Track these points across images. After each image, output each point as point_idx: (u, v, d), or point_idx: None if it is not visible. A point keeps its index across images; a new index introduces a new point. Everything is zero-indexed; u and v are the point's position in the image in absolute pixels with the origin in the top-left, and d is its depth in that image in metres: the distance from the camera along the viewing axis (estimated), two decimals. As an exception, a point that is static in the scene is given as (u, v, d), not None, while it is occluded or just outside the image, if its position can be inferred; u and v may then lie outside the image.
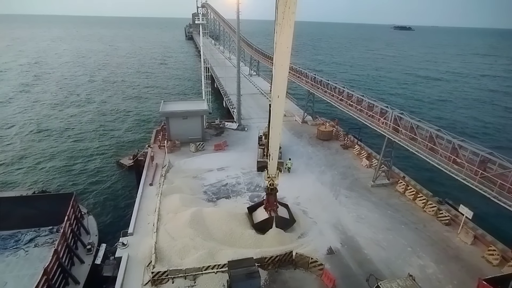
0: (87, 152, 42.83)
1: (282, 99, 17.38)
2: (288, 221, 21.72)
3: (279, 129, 19.04)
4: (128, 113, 60.71)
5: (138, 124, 54.71)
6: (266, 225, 20.90)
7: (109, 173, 37.26)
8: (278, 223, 20.95)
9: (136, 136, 49.02)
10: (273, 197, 21.23)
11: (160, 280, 17.09)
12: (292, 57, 18.84)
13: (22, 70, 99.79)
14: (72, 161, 40.19)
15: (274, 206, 21.37)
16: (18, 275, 20.20)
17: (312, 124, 43.14)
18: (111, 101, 68.47)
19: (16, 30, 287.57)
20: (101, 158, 41.28)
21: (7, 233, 23.53)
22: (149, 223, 21.63)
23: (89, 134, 49.23)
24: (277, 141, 19.51)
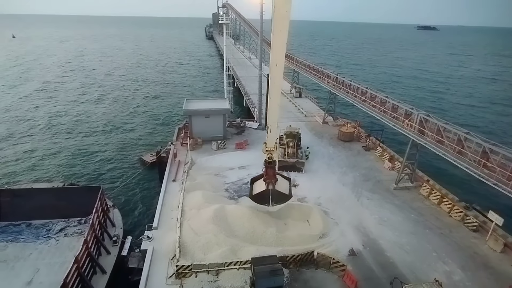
0: (111, 148, 44.25)
1: (281, 68, 16.68)
2: (285, 196, 21.24)
3: (278, 100, 18.31)
4: (150, 111, 62.24)
5: (160, 122, 55.98)
6: (263, 197, 20.57)
7: (132, 168, 38.35)
8: (274, 197, 20.60)
9: (158, 134, 50.17)
10: (271, 170, 20.78)
11: (184, 274, 17.54)
12: (310, 57, 18.64)
13: (53, 68, 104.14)
14: (97, 157, 41.62)
15: (272, 179, 20.87)
16: (50, 262, 21.21)
17: (333, 125, 42.75)
18: (134, 100, 70.34)
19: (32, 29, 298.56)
20: (125, 154, 42.54)
21: (40, 222, 24.75)
22: (173, 218, 22.19)
23: (113, 131, 50.80)
24: (275, 112, 18.75)
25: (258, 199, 20.61)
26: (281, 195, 20.67)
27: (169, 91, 78.38)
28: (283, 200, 20.91)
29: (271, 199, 20.26)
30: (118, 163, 40.07)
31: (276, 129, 19.62)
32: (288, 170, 30.00)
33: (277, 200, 20.52)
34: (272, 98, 17.99)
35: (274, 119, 18.84)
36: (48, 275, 20.16)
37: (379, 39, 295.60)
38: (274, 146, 20.07)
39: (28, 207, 24.69)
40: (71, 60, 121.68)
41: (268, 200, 20.24)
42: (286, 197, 21.08)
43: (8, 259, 21.34)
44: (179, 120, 51.03)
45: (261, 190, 20.69)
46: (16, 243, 22.75)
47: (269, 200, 20.22)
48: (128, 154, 42.46)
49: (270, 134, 19.37)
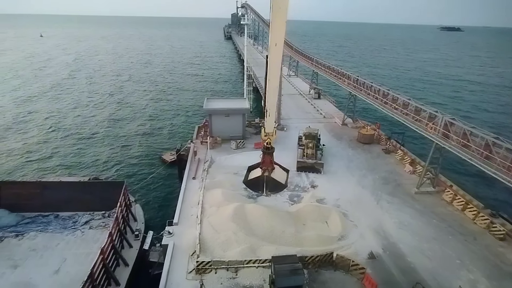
0: (133, 146, 45.48)
1: (280, 48, 15.81)
2: (280, 184, 20.46)
3: (277, 82, 17.53)
4: (170, 109, 63.51)
5: (180, 121, 57.00)
6: (257, 183, 19.94)
7: (152, 166, 39.25)
8: (269, 185, 19.95)
9: (177, 132, 51.14)
10: (269, 157, 20.02)
11: (204, 270, 17.90)
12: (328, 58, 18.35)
13: (79, 66, 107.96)
14: (119, 154, 42.89)
15: (269, 166, 20.16)
16: (76, 253, 22.09)
17: (353, 126, 42.27)
18: (154, 99, 71.93)
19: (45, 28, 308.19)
20: (145, 152, 43.62)
21: (67, 214, 25.82)
22: (193, 214, 22.64)
23: (135, 129, 52.16)
24: (274, 95, 17.82)
25: (252, 185, 20.04)
26: (276, 183, 19.89)
27: (188, 90, 79.69)
28: (278, 188, 20.25)
29: (265, 187, 19.56)
30: (139, 160, 41.15)
31: (274, 112, 18.71)
32: (306, 171, 29.98)
33: (271, 188, 19.84)
34: (271, 80, 17.13)
35: (273, 102, 17.89)
36: (74, 265, 21.04)
37: (400, 41, 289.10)
38: (273, 131, 19.07)
39: (56, 199, 25.81)
40: (93, 59, 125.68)
41: (262, 187, 19.59)
42: (281, 186, 20.28)
43: (38, 248, 22.41)
44: (199, 119, 51.90)
45: (256, 176, 20.01)
46: (45, 233, 23.85)
47: (263, 187, 19.57)
48: (149, 152, 43.52)
49: (268, 118, 18.28)
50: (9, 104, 63.55)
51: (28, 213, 25.75)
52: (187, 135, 46.13)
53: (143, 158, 41.57)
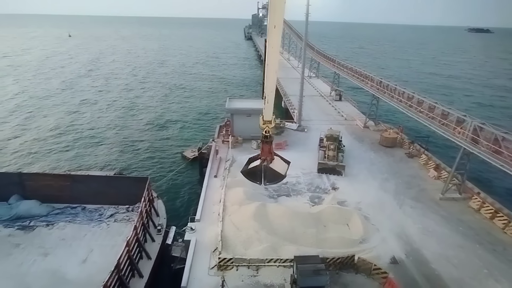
0: (154, 143, 46.60)
1: (279, 30, 14.90)
2: (279, 175, 19.42)
3: (276, 66, 16.34)
4: (191, 108, 64.67)
5: (201, 119, 57.92)
6: (255, 173, 19.25)
7: (174, 163, 40.14)
8: (267, 175, 19.10)
9: (199, 131, 51.96)
10: (267, 146, 19.12)
11: (226, 266, 18.18)
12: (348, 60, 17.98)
13: (100, 65, 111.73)
14: (142, 150, 44.07)
15: (268, 156, 19.30)
16: (102, 244, 22.92)
17: (374, 129, 41.59)
18: (175, 97, 73.45)
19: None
20: (167, 149, 44.62)
21: (93, 207, 26.81)
22: (214, 212, 23.02)
23: (156, 127, 53.43)
24: (273, 80, 16.82)
25: (250, 175, 19.44)
26: (274, 174, 19.07)
27: (208, 90, 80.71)
28: (277, 179, 19.44)
29: (263, 177, 18.86)
30: (161, 157, 42.15)
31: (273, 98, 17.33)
32: (328, 173, 29.81)
33: (270, 179, 19.15)
34: (269, 65, 16.00)
35: (272, 88, 16.90)
36: (100, 255, 21.84)
37: (424, 42, 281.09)
38: (271, 119, 18.28)
39: (84, 192, 26.84)
40: (120, 57, 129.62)
41: (260, 177, 18.92)
42: (280, 176, 19.39)
43: (67, 238, 23.41)
44: (220, 118, 52.58)
45: (254, 165, 19.39)
46: (73, 224, 24.88)
47: (261, 177, 18.88)
48: (170, 150, 44.51)
49: (267, 105, 17.30)
50: (43, 99, 66.72)
51: (57, 204, 26.94)
52: (208, 134, 46.83)
53: (165, 155, 42.56)
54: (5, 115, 56.99)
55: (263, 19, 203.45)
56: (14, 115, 57.16)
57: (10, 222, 24.73)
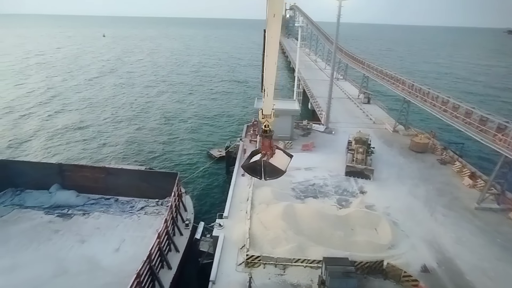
0: (182, 141, 47.82)
1: (279, 19, 14.53)
2: (279, 170, 18.99)
3: (275, 57, 16.00)
4: (217, 108, 65.71)
5: (227, 119, 58.73)
6: (255, 168, 18.91)
7: (200, 161, 40.99)
8: (267, 170, 18.65)
9: (225, 130, 52.72)
10: (267, 140, 18.78)
11: (253, 264, 18.43)
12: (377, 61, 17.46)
13: (140, 65, 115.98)
14: (170, 147, 45.36)
15: (268, 150, 18.95)
16: (133, 235, 23.89)
17: (404, 134, 40.43)
18: (202, 97, 74.91)
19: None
20: (194, 147, 45.63)
21: (125, 199, 28.00)
22: (242, 210, 23.35)
23: (184, 126, 54.71)
24: (273, 72, 16.38)
25: (250, 169, 19.20)
26: (274, 169, 18.76)
27: (234, 91, 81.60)
28: (277, 174, 19.13)
29: (263, 172, 18.57)
30: (189, 154, 43.19)
31: (272, 91, 17.15)
32: (355, 176, 29.39)
33: (270, 174, 18.86)
34: (269, 56, 15.71)
35: (272, 80, 16.60)
36: (131, 245, 22.77)
37: (456, 45, 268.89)
38: (271, 112, 18.10)
39: (117, 184, 28.07)
40: (150, 56, 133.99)
41: (259, 172, 18.64)
42: (280, 172, 19.07)
43: (101, 227, 24.61)
44: (247, 118, 53.10)
45: (254, 160, 19.12)
46: (107, 214, 26.12)
47: (260, 172, 18.60)
48: (197, 147, 45.50)
49: (266, 98, 17.14)
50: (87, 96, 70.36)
51: (92, 195, 28.39)
52: (234, 133, 47.45)
53: (192, 153, 43.53)
54: (51, 108, 60.97)
55: (295, 21, 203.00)
56: (57, 109, 60.93)
57: (50, 209, 26.39)
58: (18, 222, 24.57)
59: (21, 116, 56.87)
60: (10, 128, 51.17)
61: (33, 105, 63.55)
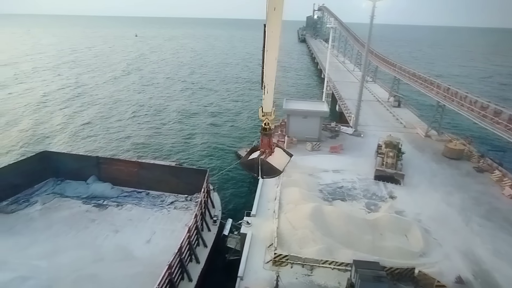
0: (210, 140, 48.60)
1: (280, 13, 14.09)
2: (275, 170, 18.88)
3: (276, 53, 15.54)
4: (245, 108, 66.30)
5: (255, 119, 59.04)
6: (252, 165, 18.82)
7: (228, 160, 41.59)
8: (263, 168, 18.62)
9: (253, 130, 53.02)
10: (266, 138, 18.51)
11: (280, 262, 18.55)
12: (409, 64, 16.76)
13: (177, 64, 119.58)
14: (198, 146, 46.30)
15: (267, 148, 18.72)
16: (163, 228, 24.71)
17: (437, 139, 38.96)
18: (230, 97, 75.89)
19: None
20: (222, 146, 46.28)
21: (156, 193, 29.00)
22: (269, 209, 23.55)
23: (213, 125, 55.58)
24: (273, 68, 15.99)
25: (247, 166, 19.19)
26: (271, 168, 18.63)
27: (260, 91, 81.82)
28: (273, 173, 19.07)
29: (260, 170, 18.47)
30: (215, 153, 43.87)
31: (273, 88, 16.95)
32: (385, 181, 28.74)
33: (266, 173, 18.76)
34: (269, 51, 15.39)
35: (272, 76, 16.30)
36: (162, 238, 23.56)
37: (495, 46, 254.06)
38: (271, 110, 17.71)
39: (148, 178, 29.13)
40: (181, 55, 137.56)
41: (256, 170, 18.57)
42: (277, 171, 18.99)
43: (133, 218, 25.65)
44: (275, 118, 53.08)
45: (251, 158, 18.99)
46: (139, 207, 27.17)
47: (257, 170, 18.53)
48: (224, 146, 46.14)
49: (266, 95, 16.82)
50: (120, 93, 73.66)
51: (126, 188, 29.64)
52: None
53: (219, 152, 44.24)
54: (82, 103, 64.41)
55: (318, 21, 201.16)
56: (89, 103, 64.23)
57: (88, 199, 27.87)
58: (59, 210, 26.18)
59: (60, 109, 60.85)
60: (47, 121, 54.74)
61: (67, 99, 67.83)
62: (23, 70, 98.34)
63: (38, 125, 52.65)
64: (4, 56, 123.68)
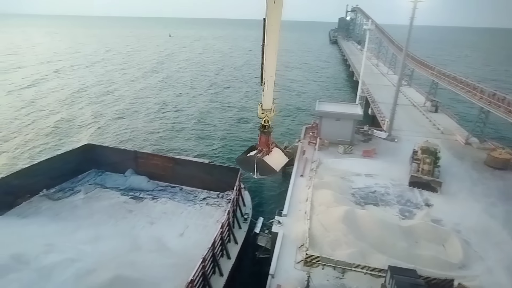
0: (241, 139, 49.31)
1: (280, 6, 13.65)
2: (271, 169, 18.94)
3: (276, 47, 15.04)
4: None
5: (284, 120, 59.11)
6: (248, 163, 18.91)
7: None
8: (259, 167, 18.68)
9: (285, 130, 53.13)
10: (265, 137, 18.34)
11: (312, 263, 18.55)
12: (448, 67, 15.78)
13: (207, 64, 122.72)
14: (230, 144, 47.18)
15: (265, 147, 18.65)
16: (196, 223, 25.49)
17: (479, 147, 36.89)
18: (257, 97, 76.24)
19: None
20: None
21: (189, 189, 29.96)
22: (300, 210, 23.54)
23: (244, 125, 56.28)
24: (273, 63, 15.54)
25: (243, 164, 19.24)
26: (267, 167, 18.63)
27: (292, 92, 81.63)
28: (268, 173, 19.19)
29: (256, 168, 18.50)
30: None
31: (272, 83, 16.56)
32: (420, 188, 27.75)
33: (262, 172, 18.78)
34: (269, 45, 15.04)
35: (272, 72, 15.92)
36: (194, 232, 24.33)
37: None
38: (271, 107, 17.40)
39: (182, 174, 30.15)
40: (210, 55, 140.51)
41: (252, 168, 18.61)
42: (272, 171, 19.05)
43: (168, 212, 26.71)
44: (305, 119, 52.97)
45: (248, 155, 19.01)
46: (172, 201, 28.22)
47: (253, 168, 18.57)
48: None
49: (266, 91, 16.53)
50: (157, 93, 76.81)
51: (160, 182, 30.89)
52: (293, 134, 47.63)
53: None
54: (137, 101, 67.91)
55: (351, 22, 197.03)
56: (140, 102, 67.45)
57: (125, 191, 29.36)
58: (100, 200, 27.83)
59: (93, 104, 64.71)
60: (80, 115, 58.33)
61: (101, 95, 72.03)
62: (62, 67, 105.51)
63: (74, 118, 56.44)
64: (47, 54, 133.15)
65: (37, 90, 74.43)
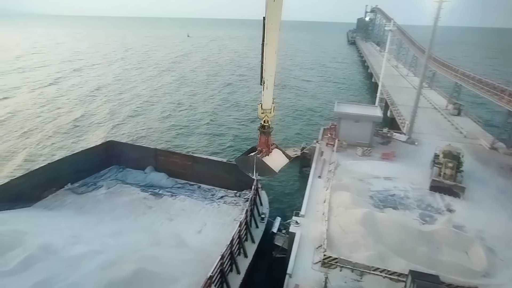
0: (255, 139, 49.41)
1: (280, 4, 13.39)
2: (270, 170, 18.36)
3: (276, 46, 14.70)
4: (291, 110, 66.30)
5: (300, 121, 58.97)
6: (247, 164, 18.44)
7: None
8: (258, 167, 18.18)
9: (300, 131, 53.03)
10: (264, 137, 17.90)
11: (329, 265, 18.48)
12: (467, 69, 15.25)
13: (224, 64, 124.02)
14: (245, 144, 47.37)
15: (264, 147, 18.18)
16: (213, 220, 25.83)
17: (506, 153, 35.66)
18: (280, 97, 76.38)
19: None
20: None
21: (207, 187, 30.38)
22: (318, 211, 23.47)
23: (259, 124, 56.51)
24: (273, 61, 15.19)
25: (242, 164, 18.81)
26: (266, 168, 18.15)
27: (309, 93, 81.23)
28: (268, 174, 18.68)
29: (254, 169, 18.12)
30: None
31: (272, 83, 16.14)
32: (442, 192, 27.10)
33: (261, 173, 18.35)
34: (269, 44, 14.71)
35: (272, 71, 15.55)
36: (212, 230, 24.64)
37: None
38: (271, 107, 17.02)
39: (201, 172, 30.60)
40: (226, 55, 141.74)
41: (251, 169, 18.26)
42: (272, 172, 18.54)
43: (186, 209, 27.17)
44: (323, 121, 52.70)
45: (248, 155, 18.64)
46: (191, 199, 28.69)
47: (252, 169, 18.22)
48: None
49: (266, 90, 16.18)
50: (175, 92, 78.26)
51: (179, 179, 31.45)
52: (311, 135, 47.42)
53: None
54: (154, 100, 69.45)
55: (370, 23, 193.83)
56: (160, 101, 68.92)
57: (145, 187, 30.09)
58: (121, 195, 28.63)
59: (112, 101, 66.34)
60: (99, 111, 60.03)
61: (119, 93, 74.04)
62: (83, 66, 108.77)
63: (93, 115, 58.13)
64: (69, 53, 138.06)
65: (59, 88, 77.22)
